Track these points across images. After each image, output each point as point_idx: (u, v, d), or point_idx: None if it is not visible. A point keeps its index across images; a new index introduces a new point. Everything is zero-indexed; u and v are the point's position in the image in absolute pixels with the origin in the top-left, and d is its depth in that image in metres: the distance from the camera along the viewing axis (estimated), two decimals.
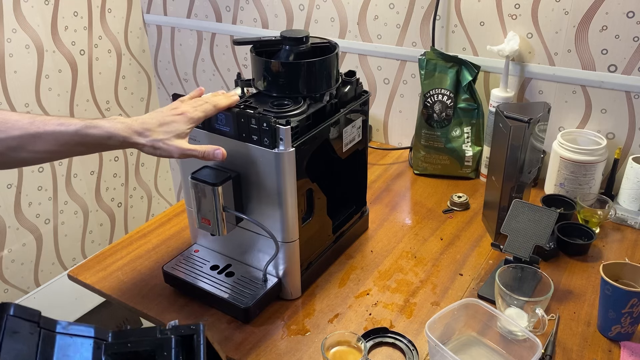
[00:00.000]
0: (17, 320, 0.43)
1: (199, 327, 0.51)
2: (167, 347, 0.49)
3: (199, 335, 0.50)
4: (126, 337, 0.49)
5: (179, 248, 1.17)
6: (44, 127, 0.79)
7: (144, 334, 0.49)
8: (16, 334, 0.42)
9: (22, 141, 0.78)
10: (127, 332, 0.50)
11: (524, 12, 1.30)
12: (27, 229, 1.82)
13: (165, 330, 0.50)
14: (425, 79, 1.39)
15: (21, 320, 0.43)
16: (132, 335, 0.49)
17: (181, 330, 0.50)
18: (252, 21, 1.74)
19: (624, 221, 1.22)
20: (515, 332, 0.88)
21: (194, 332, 0.51)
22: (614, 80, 1.25)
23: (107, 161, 2.04)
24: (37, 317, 0.45)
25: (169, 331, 0.50)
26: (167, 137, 0.84)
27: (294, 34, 0.98)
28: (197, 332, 0.51)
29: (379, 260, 1.13)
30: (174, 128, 0.85)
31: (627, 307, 0.87)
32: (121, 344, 0.48)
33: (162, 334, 0.50)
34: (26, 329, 0.43)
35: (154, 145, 0.83)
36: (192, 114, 0.87)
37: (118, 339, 0.49)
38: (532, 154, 1.14)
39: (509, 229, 1.02)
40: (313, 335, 0.95)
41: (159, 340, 0.49)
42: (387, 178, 1.45)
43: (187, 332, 0.50)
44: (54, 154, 0.81)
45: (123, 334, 0.49)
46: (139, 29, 2.02)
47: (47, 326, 0.45)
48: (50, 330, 0.45)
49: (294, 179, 0.91)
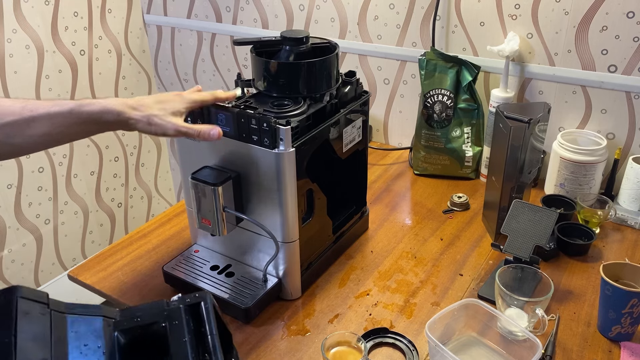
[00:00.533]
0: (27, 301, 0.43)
1: (204, 294, 0.51)
2: (177, 316, 0.48)
3: (206, 301, 0.50)
4: (134, 313, 0.49)
5: (179, 248, 1.17)
6: (38, 110, 0.78)
7: (151, 308, 0.49)
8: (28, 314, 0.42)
9: (16, 126, 0.77)
10: (134, 308, 0.49)
11: (524, 12, 1.30)
12: (27, 229, 1.82)
13: (171, 302, 0.50)
14: (425, 79, 1.39)
15: (31, 302, 0.44)
16: (139, 311, 0.49)
17: (187, 299, 0.50)
18: (252, 21, 1.74)
19: (624, 221, 1.22)
20: (516, 333, 0.88)
21: (200, 299, 0.50)
22: (614, 81, 1.25)
23: (107, 161, 2.04)
24: (46, 299, 0.45)
25: (176, 302, 0.50)
26: (162, 114, 0.83)
27: (294, 34, 0.98)
28: (203, 299, 0.50)
29: (379, 260, 1.13)
30: (170, 105, 0.84)
31: (627, 307, 0.87)
32: (130, 319, 0.48)
33: (169, 305, 0.49)
34: (37, 310, 0.44)
35: (149, 121, 0.81)
36: (189, 95, 0.87)
37: (126, 315, 0.48)
38: (532, 154, 1.14)
39: (509, 229, 1.02)
40: (313, 336, 0.95)
41: (167, 311, 0.49)
42: (387, 178, 1.45)
43: (194, 301, 0.50)
44: (49, 138, 0.79)
45: (130, 310, 0.49)
46: (139, 29, 2.02)
47: (56, 307, 0.46)
48: (59, 312, 0.46)
49: (294, 179, 0.91)
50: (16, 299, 0.43)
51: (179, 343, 0.47)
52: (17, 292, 0.43)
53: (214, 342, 0.48)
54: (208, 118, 0.93)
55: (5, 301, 0.42)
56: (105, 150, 2.02)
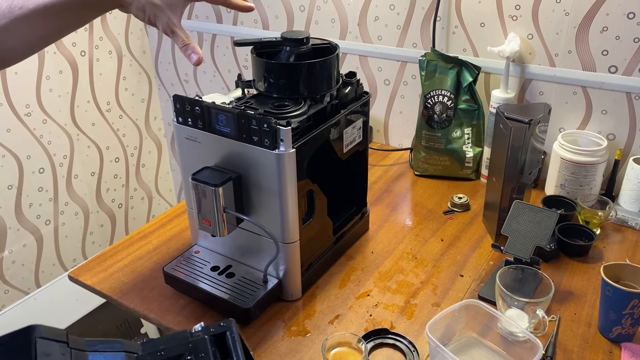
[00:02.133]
0: (46, 341, 0.41)
1: (230, 323, 0.49)
2: (203, 347, 0.46)
3: (232, 331, 0.48)
4: (157, 346, 0.47)
5: (180, 249, 1.17)
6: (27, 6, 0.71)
7: (174, 340, 0.47)
8: (49, 356, 0.40)
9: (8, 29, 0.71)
10: (157, 340, 0.47)
11: (525, 13, 1.30)
12: (27, 230, 1.82)
13: (195, 333, 0.48)
14: (425, 80, 1.39)
15: (50, 342, 0.42)
16: (162, 344, 0.47)
17: (211, 329, 0.48)
18: (252, 22, 1.75)
19: (625, 222, 1.22)
20: (516, 333, 0.88)
21: (225, 329, 0.48)
22: (615, 81, 1.25)
23: (108, 162, 2.04)
24: (65, 337, 0.43)
25: (200, 333, 0.48)
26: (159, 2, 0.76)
27: (295, 35, 0.98)
28: (229, 328, 0.49)
29: (380, 261, 1.13)
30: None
31: (628, 308, 0.87)
32: (154, 353, 0.46)
33: (193, 336, 0.48)
34: (57, 350, 0.42)
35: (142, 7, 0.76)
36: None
37: (148, 349, 0.47)
38: (532, 155, 1.14)
39: (509, 230, 1.02)
40: (313, 337, 0.95)
41: (192, 342, 0.47)
42: (388, 179, 1.45)
43: (219, 330, 0.48)
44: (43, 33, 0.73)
45: (153, 343, 0.47)
46: (139, 30, 2.02)
47: (76, 345, 0.44)
48: (80, 349, 0.44)
49: (295, 180, 0.91)
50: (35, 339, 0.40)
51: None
52: (36, 332, 0.41)
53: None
54: (209, 118, 0.93)
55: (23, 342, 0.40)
56: (105, 151, 2.02)
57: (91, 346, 0.44)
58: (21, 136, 1.73)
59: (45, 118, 1.78)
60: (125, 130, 2.08)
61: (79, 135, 1.91)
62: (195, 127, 0.95)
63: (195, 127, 0.95)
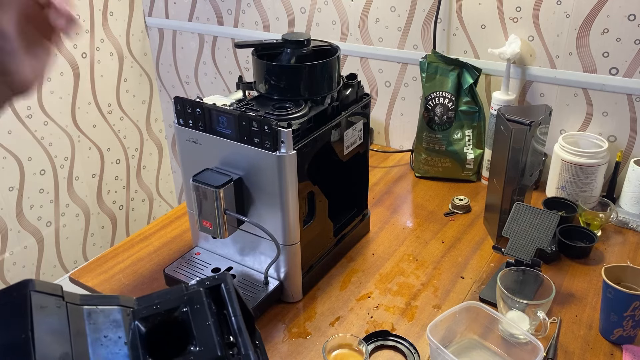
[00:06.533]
0: (41, 295, 0.42)
1: (224, 275, 0.49)
2: (198, 299, 0.46)
3: (226, 283, 0.48)
4: (152, 300, 0.46)
5: (181, 251, 1.17)
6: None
7: (170, 294, 0.47)
8: (44, 308, 0.41)
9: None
10: (152, 295, 0.47)
11: (525, 15, 1.30)
12: (28, 232, 1.82)
13: (190, 287, 0.48)
14: (426, 82, 1.39)
15: (45, 295, 0.42)
16: (157, 298, 0.47)
17: (206, 282, 0.48)
18: (253, 24, 1.75)
19: (626, 224, 1.22)
20: (517, 335, 0.87)
21: (220, 281, 0.48)
22: (615, 83, 1.25)
23: (109, 164, 2.04)
24: (60, 291, 0.43)
25: (195, 286, 0.48)
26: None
27: (296, 37, 0.99)
28: (224, 280, 0.48)
29: (380, 263, 1.13)
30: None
31: (629, 310, 0.87)
32: (149, 306, 0.46)
33: (189, 289, 0.47)
34: (52, 302, 0.42)
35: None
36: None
37: (144, 303, 0.46)
38: (533, 157, 1.14)
39: (510, 231, 1.02)
40: (314, 338, 0.95)
41: (187, 295, 0.46)
42: (389, 181, 1.45)
43: (214, 283, 0.48)
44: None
45: (148, 297, 0.47)
46: (140, 32, 2.02)
47: (71, 300, 0.44)
48: (74, 304, 0.43)
49: (295, 182, 0.91)
50: (29, 293, 0.41)
51: (203, 327, 0.44)
52: (30, 285, 0.41)
53: (239, 323, 0.46)
54: (209, 120, 0.93)
55: (18, 296, 0.41)
56: (106, 152, 2.02)
57: (86, 300, 0.44)
58: (22, 138, 1.73)
59: (46, 120, 1.79)
60: (126, 131, 2.08)
61: (79, 137, 1.91)
62: (196, 128, 0.95)
63: (196, 128, 0.95)
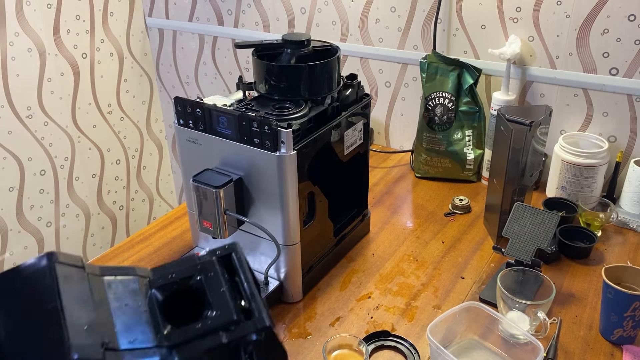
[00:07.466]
0: (65, 266, 0.43)
1: (234, 245, 0.51)
2: (211, 267, 0.48)
3: (237, 252, 0.50)
4: (167, 270, 0.49)
5: (181, 251, 1.17)
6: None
7: (183, 264, 0.49)
8: (68, 278, 0.43)
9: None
10: (166, 265, 0.50)
11: (526, 15, 1.30)
12: (28, 232, 1.82)
13: (202, 257, 0.50)
14: (426, 82, 1.39)
15: (69, 266, 0.44)
16: (171, 267, 0.49)
17: (217, 251, 0.50)
18: (253, 24, 1.75)
19: (626, 224, 1.22)
20: (517, 336, 0.87)
21: (230, 250, 0.50)
22: (616, 84, 1.25)
23: (109, 164, 2.04)
24: (81, 262, 0.45)
25: (206, 256, 0.50)
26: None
27: (296, 37, 0.99)
28: (234, 249, 0.50)
29: (381, 263, 1.13)
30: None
31: (630, 310, 0.87)
32: (164, 276, 0.48)
33: (201, 259, 0.49)
34: (75, 274, 0.44)
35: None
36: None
37: (159, 273, 0.49)
38: (533, 157, 1.14)
39: (510, 232, 1.02)
40: (314, 339, 0.95)
41: (200, 264, 0.49)
42: (389, 181, 1.45)
43: (224, 252, 0.50)
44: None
45: (163, 268, 0.49)
46: (140, 32, 2.02)
47: (92, 271, 0.46)
48: (95, 274, 0.46)
49: (296, 182, 0.91)
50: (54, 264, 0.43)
51: (218, 293, 0.46)
52: (54, 257, 0.43)
53: (251, 289, 0.48)
54: (210, 120, 0.93)
55: (44, 267, 0.42)
56: (106, 153, 2.02)
57: (105, 271, 0.47)
58: (22, 138, 1.73)
59: (46, 120, 1.79)
60: (126, 132, 2.08)
61: (80, 137, 1.91)
62: (197, 129, 0.95)
63: (197, 129, 0.95)
